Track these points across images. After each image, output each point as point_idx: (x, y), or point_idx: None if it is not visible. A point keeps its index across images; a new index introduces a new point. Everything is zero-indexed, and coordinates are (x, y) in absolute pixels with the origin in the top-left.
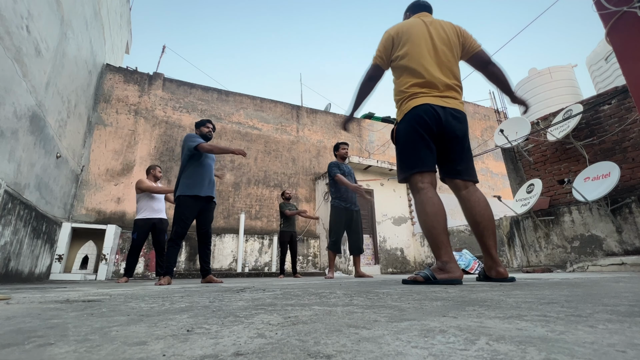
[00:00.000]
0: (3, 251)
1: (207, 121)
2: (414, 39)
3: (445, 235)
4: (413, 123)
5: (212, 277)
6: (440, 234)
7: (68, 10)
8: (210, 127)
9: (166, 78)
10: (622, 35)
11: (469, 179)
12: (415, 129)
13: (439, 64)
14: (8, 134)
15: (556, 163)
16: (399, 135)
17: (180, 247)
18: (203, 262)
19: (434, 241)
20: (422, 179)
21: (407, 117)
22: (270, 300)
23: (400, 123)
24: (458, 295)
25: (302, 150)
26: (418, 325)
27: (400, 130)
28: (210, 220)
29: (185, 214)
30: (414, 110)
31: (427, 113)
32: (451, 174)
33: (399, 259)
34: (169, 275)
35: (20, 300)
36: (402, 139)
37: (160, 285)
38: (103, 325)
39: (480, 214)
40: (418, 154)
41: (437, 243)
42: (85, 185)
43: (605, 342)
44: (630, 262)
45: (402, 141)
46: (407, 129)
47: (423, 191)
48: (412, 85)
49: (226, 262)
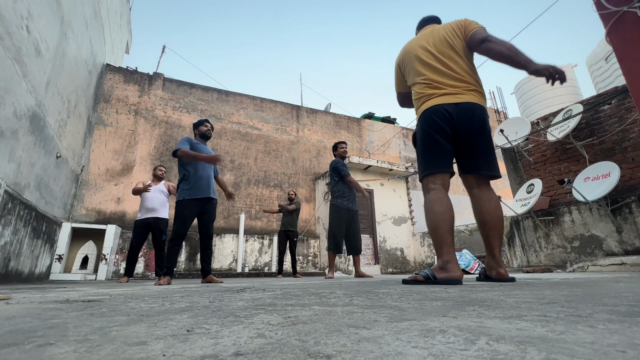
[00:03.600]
0: (3, 251)
1: (204, 121)
2: (408, 60)
3: (450, 236)
4: (425, 126)
5: (212, 277)
6: (445, 233)
7: (68, 10)
8: (208, 126)
9: (166, 78)
10: (622, 35)
11: (487, 173)
12: (427, 132)
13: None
14: (8, 134)
15: (556, 163)
16: (416, 138)
17: (181, 247)
18: (204, 262)
19: (438, 239)
20: (434, 179)
21: (420, 120)
22: (270, 300)
23: (417, 126)
24: (458, 295)
25: (302, 150)
26: (418, 325)
27: (416, 134)
28: (212, 220)
29: (185, 214)
30: (425, 113)
31: (437, 114)
32: (471, 168)
33: (399, 259)
34: (169, 275)
35: (20, 300)
36: (418, 141)
37: (160, 285)
38: (103, 325)
39: (490, 213)
40: (430, 156)
41: (441, 242)
42: (85, 185)
43: (605, 342)
44: (630, 262)
45: (418, 144)
46: (420, 132)
47: (433, 191)
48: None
49: (226, 262)
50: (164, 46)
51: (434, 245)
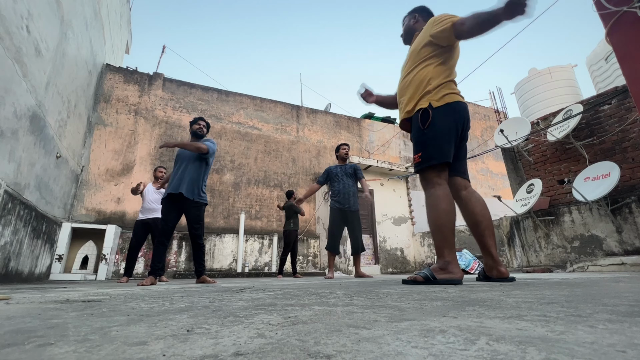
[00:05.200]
0: (3, 251)
1: (197, 119)
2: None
3: (453, 236)
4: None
5: (205, 278)
6: (449, 233)
7: (68, 10)
8: (201, 124)
9: (166, 78)
10: (622, 35)
11: (467, 178)
12: (455, 125)
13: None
14: (8, 134)
15: (556, 163)
16: (435, 122)
17: (165, 246)
18: (196, 263)
19: (442, 239)
20: (439, 174)
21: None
22: (270, 300)
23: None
24: (458, 295)
25: (302, 150)
26: (418, 325)
27: (436, 117)
28: (194, 220)
29: (164, 212)
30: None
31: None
32: (459, 171)
33: (399, 259)
34: (152, 275)
35: (20, 300)
36: (439, 127)
37: (143, 285)
38: (103, 325)
39: (482, 214)
40: (449, 147)
41: (443, 242)
42: (85, 185)
43: (605, 342)
44: (630, 262)
45: (438, 129)
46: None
47: (440, 187)
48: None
49: (226, 262)
50: (164, 46)
51: (435, 244)
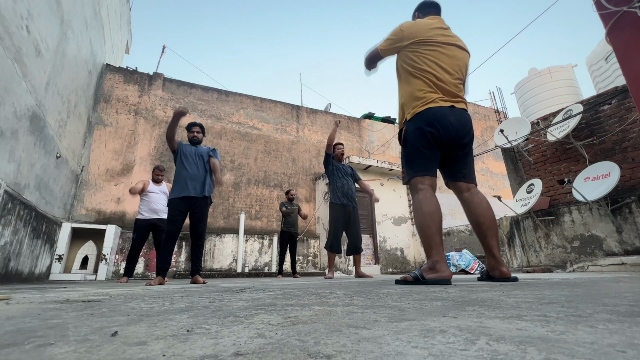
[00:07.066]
0: (3, 251)
1: (191, 125)
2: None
3: (438, 236)
4: (421, 124)
5: (197, 278)
6: (434, 233)
7: (68, 10)
8: (194, 131)
9: (166, 78)
10: (622, 35)
11: (471, 182)
12: (424, 134)
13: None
14: (8, 134)
15: (556, 163)
16: (407, 137)
17: (173, 247)
18: (192, 262)
19: (427, 240)
20: (422, 180)
21: (417, 117)
22: (270, 300)
23: (409, 123)
24: (458, 295)
25: (302, 150)
26: (418, 325)
27: (408, 133)
28: (200, 219)
29: (173, 213)
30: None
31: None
32: (457, 177)
33: (399, 259)
34: (160, 275)
35: (20, 300)
36: (410, 141)
37: (151, 285)
38: (103, 325)
39: (484, 215)
40: (423, 159)
41: (429, 242)
42: (85, 185)
43: (605, 342)
44: (630, 262)
45: (410, 144)
46: (416, 133)
47: (422, 192)
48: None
49: (226, 262)
50: (164, 46)
51: (422, 246)
